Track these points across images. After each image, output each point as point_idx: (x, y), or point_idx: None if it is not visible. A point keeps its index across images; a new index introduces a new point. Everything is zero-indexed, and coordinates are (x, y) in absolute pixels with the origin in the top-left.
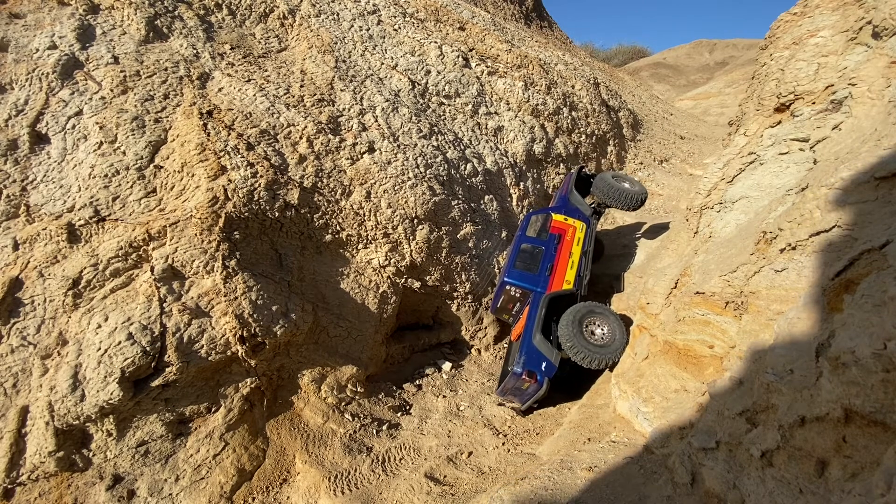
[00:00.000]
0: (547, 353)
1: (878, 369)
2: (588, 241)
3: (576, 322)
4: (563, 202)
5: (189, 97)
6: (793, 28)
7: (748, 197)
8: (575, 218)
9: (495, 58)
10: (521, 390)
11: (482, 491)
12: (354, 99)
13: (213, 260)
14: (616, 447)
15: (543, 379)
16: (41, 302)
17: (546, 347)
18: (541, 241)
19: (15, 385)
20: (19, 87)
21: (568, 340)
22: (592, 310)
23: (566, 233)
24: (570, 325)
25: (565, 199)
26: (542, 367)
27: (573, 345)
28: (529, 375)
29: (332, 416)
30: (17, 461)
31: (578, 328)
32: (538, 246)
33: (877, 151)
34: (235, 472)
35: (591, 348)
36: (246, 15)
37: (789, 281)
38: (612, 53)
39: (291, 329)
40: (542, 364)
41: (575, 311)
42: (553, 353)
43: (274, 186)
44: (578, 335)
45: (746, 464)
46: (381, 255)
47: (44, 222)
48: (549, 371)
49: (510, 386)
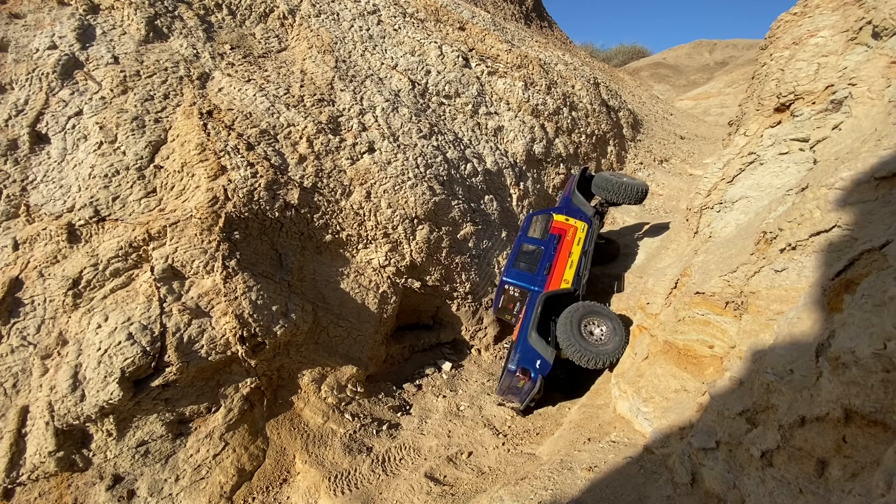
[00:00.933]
0: (542, 350)
1: (878, 369)
2: (589, 241)
3: (574, 321)
4: (566, 203)
5: (189, 97)
6: (793, 28)
7: (748, 197)
8: (577, 218)
9: (495, 58)
10: (516, 388)
11: (482, 491)
12: (354, 99)
13: (213, 260)
14: (616, 447)
15: (537, 377)
16: (41, 302)
17: (541, 345)
18: (541, 242)
19: (15, 385)
20: (19, 87)
21: (566, 339)
22: (591, 309)
23: (566, 233)
24: (568, 324)
25: (568, 199)
26: (537, 365)
27: (571, 344)
28: (524, 373)
29: (332, 416)
30: (17, 461)
31: (577, 328)
32: (538, 246)
33: (877, 151)
34: (235, 472)
35: (589, 348)
36: (246, 15)
37: (789, 281)
38: (612, 53)
39: (291, 329)
40: (537, 362)
41: (573, 310)
42: (548, 351)
43: (274, 186)
44: (576, 334)
45: (746, 464)
46: (381, 255)
47: (44, 222)
48: (543, 369)
49: (506, 384)
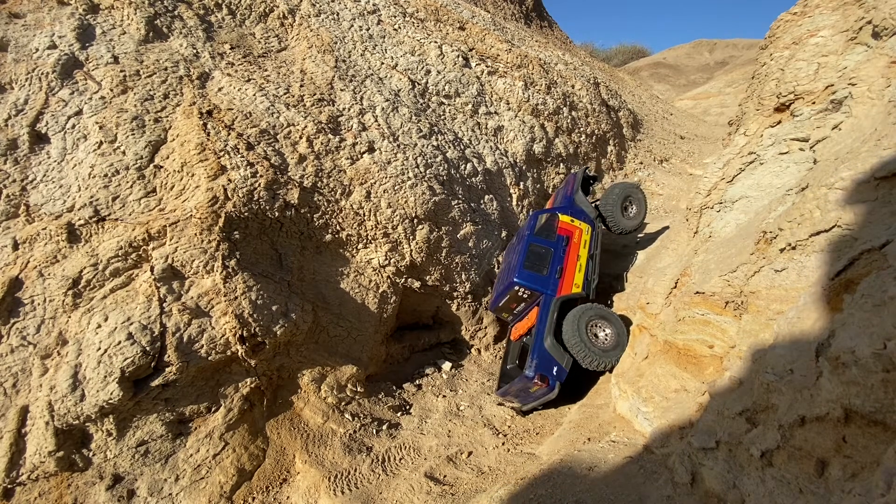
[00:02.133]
0: (558, 357)
1: (878, 369)
2: (594, 245)
3: (582, 323)
4: (569, 202)
5: (189, 97)
6: (793, 28)
7: (748, 197)
8: (581, 220)
9: (495, 57)
10: (528, 393)
11: (482, 491)
12: (354, 99)
13: (213, 260)
14: (616, 447)
15: (555, 383)
16: (41, 302)
17: (558, 352)
18: (549, 242)
19: (15, 385)
20: (19, 87)
21: (572, 340)
22: (599, 313)
23: (573, 235)
24: (575, 325)
25: (570, 199)
26: (554, 372)
27: (576, 344)
28: (542, 379)
29: (332, 416)
30: (17, 461)
31: (584, 329)
32: (547, 247)
33: (877, 151)
34: (235, 471)
35: (594, 350)
36: (246, 15)
37: (789, 281)
38: (612, 53)
39: (291, 329)
40: (554, 368)
41: (581, 311)
42: (564, 358)
43: (274, 186)
44: (584, 336)
45: (746, 464)
46: (380, 255)
47: (44, 222)
48: (560, 375)
49: (516, 388)
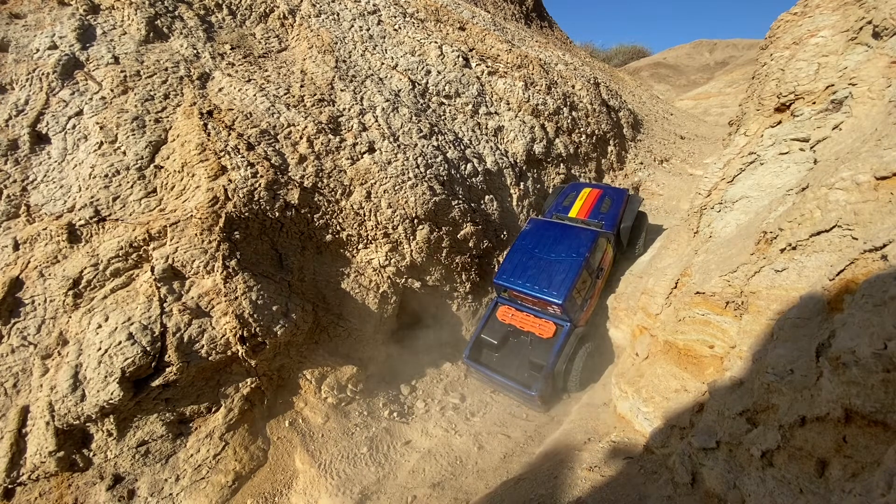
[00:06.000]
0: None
1: (878, 369)
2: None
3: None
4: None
5: (189, 97)
6: (793, 28)
7: (748, 197)
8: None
9: (495, 58)
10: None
11: (482, 491)
12: (355, 99)
13: (214, 260)
14: (616, 447)
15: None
16: (41, 302)
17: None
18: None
19: (15, 385)
20: (20, 87)
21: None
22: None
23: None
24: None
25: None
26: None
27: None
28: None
29: (332, 416)
30: (18, 461)
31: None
32: (590, 276)
33: (877, 151)
34: (236, 471)
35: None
36: (246, 15)
37: (790, 281)
38: (612, 53)
39: (292, 329)
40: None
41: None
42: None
43: (274, 186)
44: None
45: (747, 464)
46: (381, 255)
47: (44, 222)
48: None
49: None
